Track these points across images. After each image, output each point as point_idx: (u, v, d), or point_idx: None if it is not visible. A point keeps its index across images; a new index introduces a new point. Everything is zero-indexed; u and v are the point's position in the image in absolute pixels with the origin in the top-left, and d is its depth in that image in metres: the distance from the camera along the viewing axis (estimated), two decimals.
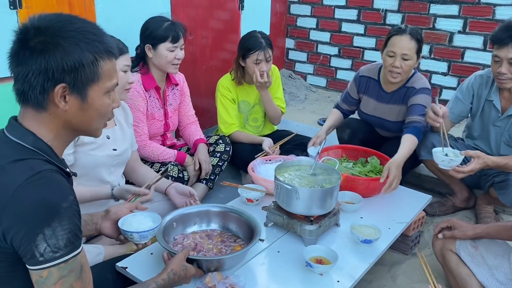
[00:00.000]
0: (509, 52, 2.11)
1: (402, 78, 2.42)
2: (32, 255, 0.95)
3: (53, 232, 0.94)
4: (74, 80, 1.00)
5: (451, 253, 1.79)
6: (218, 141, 2.67)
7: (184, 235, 1.77)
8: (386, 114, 2.61)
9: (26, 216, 0.93)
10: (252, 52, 2.65)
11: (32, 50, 0.97)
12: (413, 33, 2.35)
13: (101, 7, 2.45)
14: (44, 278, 0.97)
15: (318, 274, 1.61)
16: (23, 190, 0.94)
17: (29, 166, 0.97)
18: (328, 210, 1.82)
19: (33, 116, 1.04)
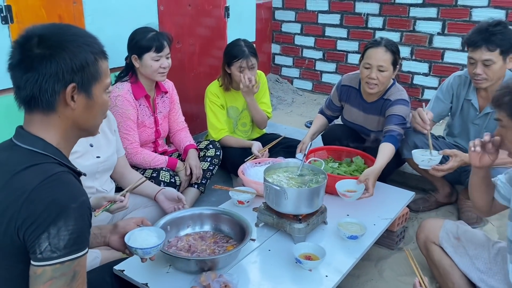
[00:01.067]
0: (483, 54, 2.22)
1: (379, 89, 2.50)
2: (33, 251, 1.00)
3: (57, 231, 0.98)
4: (81, 79, 1.07)
5: (434, 245, 1.88)
6: (208, 146, 2.74)
7: (178, 237, 1.84)
8: (367, 124, 2.71)
9: (38, 214, 0.99)
10: (235, 60, 2.74)
11: (41, 56, 1.03)
12: (388, 45, 2.43)
13: (91, 19, 2.51)
14: (37, 275, 1.00)
15: (307, 270, 1.69)
16: (37, 191, 1.00)
17: (43, 170, 1.03)
18: (316, 208, 1.90)
19: (40, 121, 1.10)
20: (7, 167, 1.06)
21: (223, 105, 2.91)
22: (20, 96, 1.09)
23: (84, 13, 2.48)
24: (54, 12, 2.34)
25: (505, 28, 2.22)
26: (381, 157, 2.26)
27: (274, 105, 4.59)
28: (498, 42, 2.19)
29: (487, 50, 2.20)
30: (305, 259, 1.70)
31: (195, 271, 1.62)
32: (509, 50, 2.22)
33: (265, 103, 3.05)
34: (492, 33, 2.19)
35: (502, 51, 2.20)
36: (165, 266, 1.68)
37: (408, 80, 4.42)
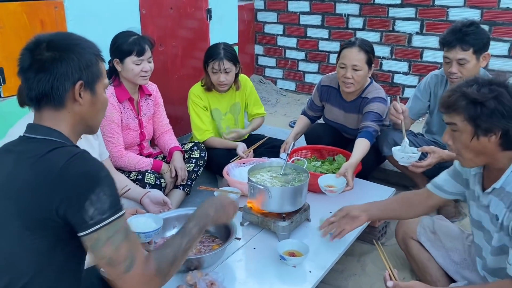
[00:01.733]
0: (457, 54, 2.30)
1: (356, 87, 2.56)
2: (83, 220, 1.08)
3: (98, 197, 1.08)
4: (87, 77, 1.19)
5: (413, 241, 1.94)
6: (193, 148, 2.77)
7: (164, 238, 1.86)
8: (348, 122, 2.78)
9: (73, 188, 1.08)
10: (210, 60, 2.78)
11: (52, 58, 1.15)
12: (362, 45, 2.50)
13: (73, 24, 2.52)
14: (95, 242, 1.09)
15: (292, 266, 1.73)
16: (66, 168, 1.09)
17: (66, 151, 1.14)
18: (299, 206, 1.95)
19: (51, 116, 1.20)
20: (29, 154, 1.14)
21: (206, 106, 2.94)
22: (31, 96, 1.19)
23: (66, 18, 2.48)
24: (36, 17, 2.34)
25: (477, 28, 2.30)
26: (356, 152, 2.35)
27: None
28: (471, 42, 2.27)
29: (461, 49, 2.28)
30: (289, 255, 1.74)
31: (182, 270, 1.65)
32: (481, 49, 2.30)
33: (258, 107, 3.12)
34: (465, 33, 2.27)
35: (475, 50, 2.28)
36: None
37: (388, 79, 4.51)
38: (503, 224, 1.44)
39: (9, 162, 1.16)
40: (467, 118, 1.39)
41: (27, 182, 1.10)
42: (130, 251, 1.13)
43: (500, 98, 1.36)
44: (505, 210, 1.43)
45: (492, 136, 1.39)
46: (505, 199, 1.44)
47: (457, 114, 1.42)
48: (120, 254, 1.11)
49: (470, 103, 1.38)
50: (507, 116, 1.35)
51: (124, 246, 1.11)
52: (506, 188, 1.44)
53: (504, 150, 1.42)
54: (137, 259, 1.13)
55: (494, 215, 1.48)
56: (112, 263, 1.11)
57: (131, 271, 1.12)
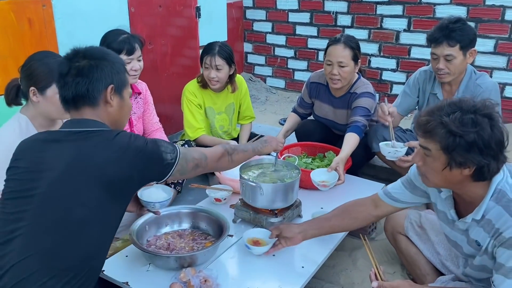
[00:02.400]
0: (444, 50, 2.34)
1: (343, 83, 2.58)
2: (168, 164, 1.41)
3: (164, 146, 1.41)
4: (117, 82, 1.41)
5: (401, 235, 1.97)
6: (184, 146, 2.77)
7: (156, 236, 1.87)
8: (337, 118, 2.80)
9: (150, 153, 1.36)
10: (204, 55, 2.78)
11: (89, 65, 1.35)
12: (347, 42, 2.52)
13: (61, 22, 2.50)
14: (181, 167, 1.45)
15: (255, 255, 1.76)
16: (136, 143, 1.33)
17: (128, 133, 1.37)
18: (291, 202, 1.97)
19: (91, 112, 1.38)
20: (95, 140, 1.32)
21: (201, 104, 2.93)
22: (69, 97, 1.37)
23: (54, 16, 2.47)
24: (23, 16, 2.33)
25: (464, 25, 2.34)
26: (346, 146, 2.38)
27: None
28: (458, 38, 2.31)
29: (448, 45, 2.32)
30: (253, 244, 1.76)
31: (175, 268, 1.66)
32: (468, 45, 2.34)
33: (250, 110, 3.12)
34: (452, 29, 2.31)
35: (461, 46, 2.32)
36: (145, 265, 1.72)
37: (377, 76, 4.55)
38: (487, 249, 1.43)
39: (67, 148, 1.31)
40: (443, 148, 1.31)
41: (110, 159, 1.29)
42: (198, 152, 1.55)
43: (481, 132, 1.27)
44: (488, 239, 1.41)
45: (466, 169, 1.32)
46: (486, 227, 1.41)
47: (433, 142, 1.34)
48: (197, 157, 1.53)
49: (448, 133, 1.29)
50: (484, 153, 1.28)
51: (195, 154, 1.53)
52: (486, 216, 1.40)
53: (474, 181, 1.37)
54: (204, 150, 1.59)
55: (474, 240, 1.47)
56: (198, 166, 1.53)
57: (208, 157, 1.57)
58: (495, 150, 1.29)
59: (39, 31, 2.42)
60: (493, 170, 1.33)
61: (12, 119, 1.83)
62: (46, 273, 1.23)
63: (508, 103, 3.97)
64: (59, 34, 2.52)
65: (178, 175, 1.48)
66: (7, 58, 2.32)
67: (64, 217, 1.27)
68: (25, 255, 1.23)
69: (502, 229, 1.35)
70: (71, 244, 1.27)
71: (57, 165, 1.29)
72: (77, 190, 1.28)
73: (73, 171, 1.28)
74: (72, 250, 1.28)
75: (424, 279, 1.86)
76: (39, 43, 2.43)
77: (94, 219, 1.30)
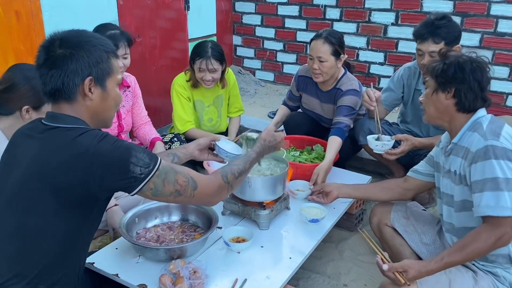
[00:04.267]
0: (430, 46, 2.37)
1: (324, 78, 2.62)
2: (135, 179, 1.23)
3: (136, 157, 1.23)
4: (97, 73, 1.26)
5: (387, 227, 2.02)
6: (173, 139, 2.78)
7: (146, 229, 1.89)
8: (324, 112, 2.84)
9: (113, 161, 1.20)
10: (197, 58, 2.75)
11: (63, 56, 1.22)
12: (328, 37, 2.54)
13: (48, 15, 2.49)
14: (154, 188, 1.27)
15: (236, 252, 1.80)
16: (99, 147, 1.19)
17: (94, 133, 1.22)
18: (279, 195, 2.00)
19: (69, 107, 1.27)
20: (57, 140, 1.22)
21: (190, 97, 2.94)
22: (46, 90, 1.26)
23: (42, 9, 2.46)
24: (11, 8, 2.31)
25: (449, 21, 2.38)
26: (329, 152, 2.42)
27: None
28: (443, 35, 2.35)
29: (433, 42, 2.36)
30: (235, 242, 1.80)
31: (165, 259, 1.69)
32: (453, 42, 2.39)
33: (237, 104, 3.13)
34: (437, 26, 2.35)
35: (446, 43, 2.36)
36: (135, 257, 1.74)
37: (365, 69, 4.59)
38: (461, 175, 1.61)
39: (33, 147, 1.23)
40: (432, 75, 1.65)
41: (62, 164, 1.18)
42: (185, 176, 1.33)
43: (463, 64, 1.58)
44: (460, 161, 1.62)
45: (447, 93, 1.62)
46: (460, 152, 1.63)
47: (430, 75, 1.67)
48: (181, 183, 1.31)
49: (439, 64, 1.64)
50: (462, 80, 1.58)
51: (179, 177, 1.31)
52: (461, 144, 1.63)
53: (459, 112, 1.63)
54: (196, 177, 1.35)
55: (453, 172, 1.66)
56: (179, 193, 1.31)
57: (198, 187, 1.34)
58: (472, 82, 1.58)
59: (27, 24, 2.41)
60: (472, 101, 1.60)
61: None
62: (17, 279, 1.21)
63: (493, 97, 4.02)
64: (47, 27, 2.51)
65: (150, 196, 1.29)
66: None
67: (19, 225, 1.22)
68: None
69: (470, 146, 1.58)
70: (32, 252, 1.22)
71: (21, 165, 1.24)
72: (31, 197, 1.20)
73: (30, 175, 1.21)
74: (35, 257, 1.22)
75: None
76: (27, 36, 2.42)
77: (49, 230, 1.22)
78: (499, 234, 1.45)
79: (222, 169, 1.45)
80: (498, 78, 3.98)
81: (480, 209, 1.49)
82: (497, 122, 1.61)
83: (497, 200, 1.45)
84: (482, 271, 1.62)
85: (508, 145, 1.51)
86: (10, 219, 1.22)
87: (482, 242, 1.47)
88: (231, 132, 3.09)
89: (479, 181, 1.50)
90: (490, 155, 1.48)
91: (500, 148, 1.49)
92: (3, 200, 1.25)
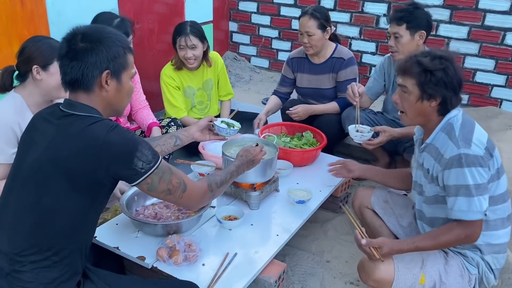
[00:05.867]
0: (393, 28, 2.57)
1: (314, 50, 2.94)
2: (136, 172, 1.33)
3: (141, 152, 1.33)
4: (114, 67, 1.36)
5: (367, 209, 2.17)
6: (170, 124, 2.90)
7: (144, 207, 2.03)
8: (320, 83, 3.05)
9: (120, 151, 1.30)
10: (177, 37, 2.88)
11: (84, 49, 1.32)
12: (313, 12, 2.84)
13: (51, 1, 2.58)
14: (151, 183, 1.38)
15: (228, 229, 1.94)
16: (109, 137, 1.29)
17: (105, 123, 1.33)
18: (268, 178, 2.14)
19: (85, 97, 1.37)
20: (72, 126, 1.31)
21: (179, 86, 3.06)
22: (66, 80, 1.36)
23: None
24: None
25: (415, 8, 2.56)
26: (320, 106, 2.96)
27: (232, 83, 4.75)
28: (405, 19, 2.53)
29: (396, 24, 2.55)
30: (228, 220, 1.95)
31: (162, 234, 1.83)
32: (416, 27, 2.54)
33: (227, 88, 3.26)
34: (401, 10, 2.56)
35: (408, 26, 2.53)
36: (134, 232, 1.88)
37: (357, 59, 4.68)
38: (433, 175, 1.70)
39: (50, 131, 1.33)
40: (417, 83, 1.65)
41: (75, 150, 1.28)
42: (179, 178, 1.45)
43: (447, 70, 1.62)
44: (433, 163, 1.69)
45: (433, 101, 1.65)
46: (433, 153, 1.70)
47: (410, 78, 1.67)
48: (174, 184, 1.43)
49: (422, 71, 1.63)
50: (448, 87, 1.62)
51: (173, 178, 1.43)
52: (434, 144, 1.70)
53: (439, 116, 1.69)
54: (187, 181, 1.48)
55: (426, 169, 1.75)
56: (170, 192, 1.43)
57: (186, 190, 1.47)
58: (456, 86, 1.64)
59: (31, 11, 2.50)
60: (454, 104, 1.66)
61: (7, 97, 1.94)
62: (32, 250, 1.31)
63: (478, 88, 4.19)
64: (50, 12, 2.60)
65: (146, 190, 1.40)
66: (1, 36, 2.40)
67: (35, 202, 1.32)
68: (15, 231, 1.33)
69: (443, 151, 1.64)
70: (45, 227, 1.32)
71: (39, 147, 1.33)
72: (46, 179, 1.30)
73: (46, 158, 1.30)
74: (48, 232, 1.32)
75: None
76: (30, 22, 2.52)
77: (61, 209, 1.31)
78: (469, 232, 1.61)
79: (208, 178, 1.61)
80: (484, 70, 4.12)
81: (453, 213, 1.62)
82: (468, 125, 1.67)
83: (468, 205, 1.58)
84: (453, 252, 1.78)
85: (478, 151, 1.59)
86: (28, 195, 1.33)
87: (453, 236, 1.62)
88: (224, 115, 3.23)
89: (452, 186, 1.61)
90: (463, 164, 1.57)
91: (472, 156, 1.57)
92: (22, 177, 1.35)
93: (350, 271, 2.16)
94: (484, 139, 1.65)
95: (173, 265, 1.69)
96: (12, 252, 1.33)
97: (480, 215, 1.59)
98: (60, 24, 2.60)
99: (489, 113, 3.97)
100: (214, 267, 1.71)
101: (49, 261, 1.33)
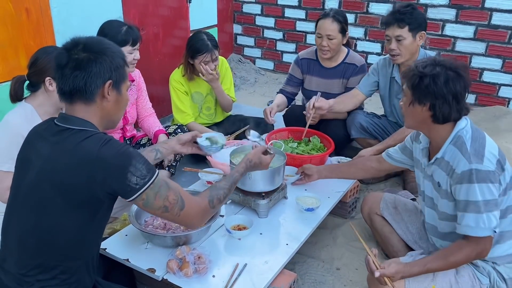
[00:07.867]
0: (395, 31, 2.54)
1: (332, 54, 2.88)
2: (129, 188, 1.30)
3: (135, 167, 1.29)
4: (116, 77, 1.36)
5: (376, 216, 2.16)
6: (176, 131, 2.90)
7: (153, 217, 2.02)
8: (330, 88, 3.01)
9: (112, 166, 1.27)
10: (199, 54, 2.87)
11: (88, 59, 1.31)
12: (335, 16, 2.77)
13: (57, 11, 2.58)
14: (146, 199, 1.34)
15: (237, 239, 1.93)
16: (102, 151, 1.27)
17: (99, 137, 1.30)
18: (277, 186, 2.13)
19: (83, 109, 1.35)
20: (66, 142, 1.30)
21: (187, 91, 3.06)
22: (65, 90, 1.33)
23: (50, 5, 2.55)
24: (21, 6, 2.41)
25: (413, 9, 2.54)
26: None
27: (237, 85, 4.75)
28: (407, 20, 2.51)
29: (398, 27, 2.52)
30: (237, 230, 1.94)
31: (171, 246, 1.82)
32: (417, 28, 2.53)
33: (229, 89, 3.22)
34: (402, 13, 2.52)
35: (410, 28, 2.51)
36: (143, 243, 1.88)
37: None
38: (446, 190, 1.68)
39: (45, 149, 1.32)
40: (409, 86, 1.66)
41: (68, 167, 1.26)
42: (176, 195, 1.39)
43: (436, 79, 1.58)
44: (446, 178, 1.67)
45: (424, 107, 1.63)
46: (445, 168, 1.67)
47: (406, 81, 1.68)
48: (171, 200, 1.38)
49: (414, 74, 1.63)
50: (437, 95, 1.59)
51: (170, 194, 1.38)
52: (445, 158, 1.67)
53: (435, 123, 1.65)
54: (185, 198, 1.42)
55: (437, 182, 1.72)
56: (167, 209, 1.38)
57: (185, 208, 1.41)
58: (446, 95, 1.58)
59: (36, 20, 2.51)
60: (446, 114, 1.60)
61: (18, 107, 1.96)
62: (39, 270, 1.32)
63: (485, 87, 4.16)
64: (55, 21, 2.60)
65: (141, 206, 1.36)
66: (7, 47, 2.41)
67: (36, 223, 1.32)
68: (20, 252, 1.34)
69: (455, 166, 1.62)
70: (48, 246, 1.32)
71: (35, 166, 1.32)
72: (43, 198, 1.29)
73: (42, 176, 1.30)
74: (52, 251, 1.33)
75: (396, 255, 2.06)
76: (36, 32, 2.52)
77: (62, 228, 1.31)
78: (479, 249, 1.59)
79: (210, 193, 1.53)
80: (491, 69, 4.09)
81: (461, 228, 1.60)
82: (479, 138, 1.64)
83: (476, 222, 1.56)
84: None
85: (491, 166, 1.57)
86: (28, 217, 1.33)
87: (464, 255, 1.60)
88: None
89: (462, 201, 1.59)
90: (474, 179, 1.55)
91: (484, 172, 1.55)
92: (21, 198, 1.35)
93: (360, 279, 2.15)
94: (496, 151, 1.62)
95: (183, 277, 1.68)
96: (19, 273, 1.33)
97: (488, 232, 1.56)
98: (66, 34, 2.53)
99: (497, 113, 3.94)
100: (224, 278, 1.70)
101: (57, 280, 1.34)
